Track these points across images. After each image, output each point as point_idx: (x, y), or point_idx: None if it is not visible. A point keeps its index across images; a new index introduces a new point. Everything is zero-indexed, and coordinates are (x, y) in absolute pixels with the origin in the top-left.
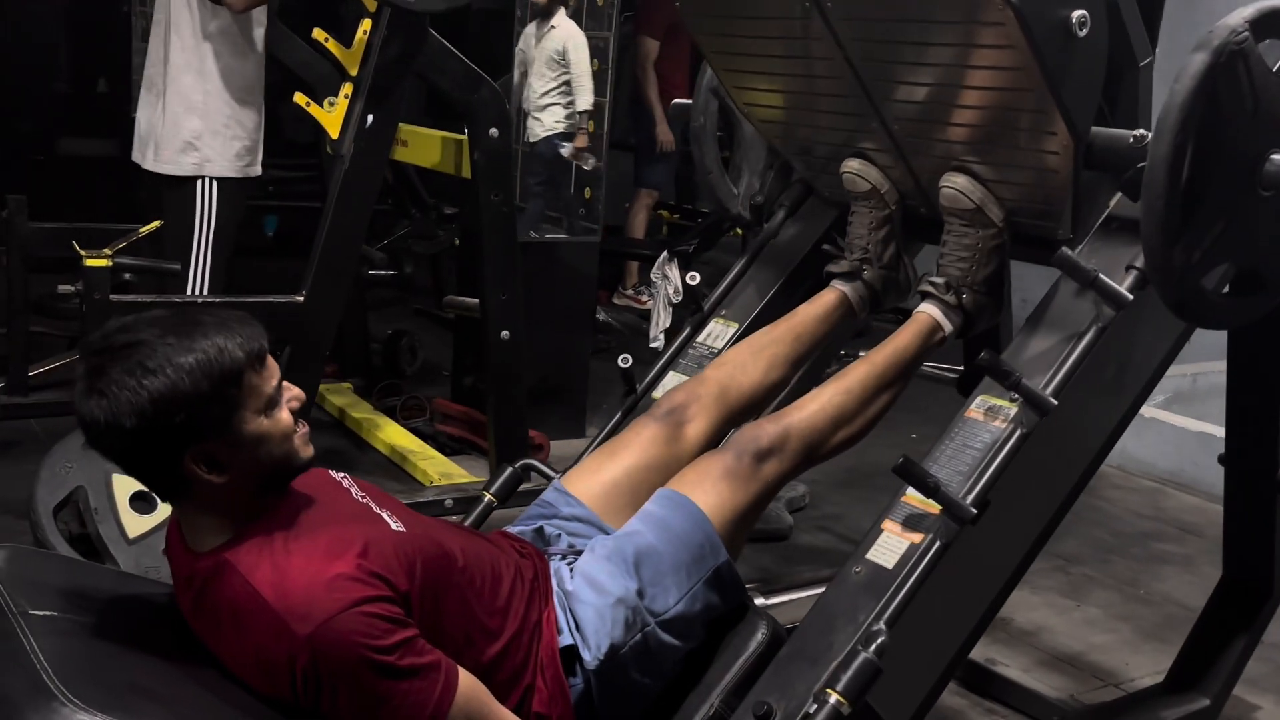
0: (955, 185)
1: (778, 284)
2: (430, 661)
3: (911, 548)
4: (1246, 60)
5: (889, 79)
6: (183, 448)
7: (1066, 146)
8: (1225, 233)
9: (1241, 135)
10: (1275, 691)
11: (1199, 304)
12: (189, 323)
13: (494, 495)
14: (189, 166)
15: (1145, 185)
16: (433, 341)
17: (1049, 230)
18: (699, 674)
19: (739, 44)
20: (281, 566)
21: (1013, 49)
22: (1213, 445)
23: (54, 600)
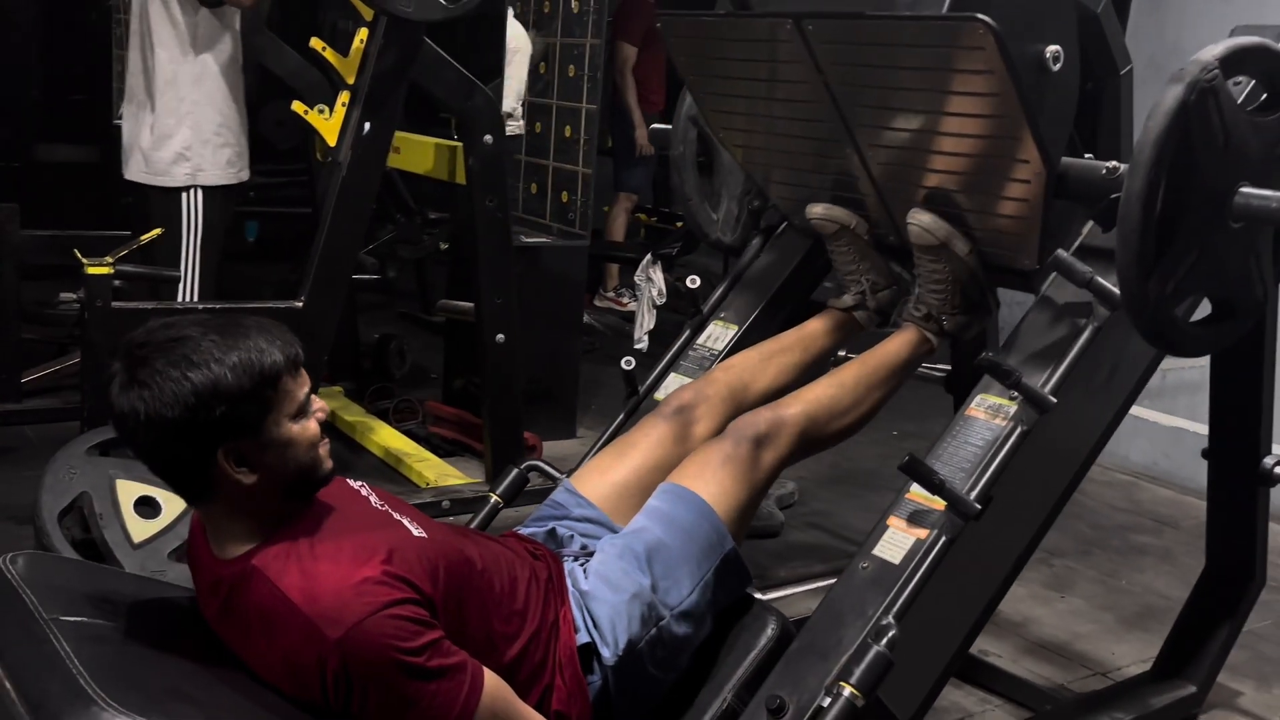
0: (919, 223)
1: (777, 285)
2: (457, 662)
3: (918, 543)
4: (1217, 97)
5: (867, 104)
6: (217, 443)
7: (1038, 174)
8: (1197, 264)
9: (1212, 169)
10: (1255, 677)
11: (1173, 333)
12: (232, 324)
13: (500, 496)
14: (182, 177)
15: (1120, 219)
16: (419, 345)
17: (1014, 260)
18: (710, 669)
19: (719, 67)
20: (310, 572)
21: (991, 74)
22: (1185, 440)
23: (81, 606)
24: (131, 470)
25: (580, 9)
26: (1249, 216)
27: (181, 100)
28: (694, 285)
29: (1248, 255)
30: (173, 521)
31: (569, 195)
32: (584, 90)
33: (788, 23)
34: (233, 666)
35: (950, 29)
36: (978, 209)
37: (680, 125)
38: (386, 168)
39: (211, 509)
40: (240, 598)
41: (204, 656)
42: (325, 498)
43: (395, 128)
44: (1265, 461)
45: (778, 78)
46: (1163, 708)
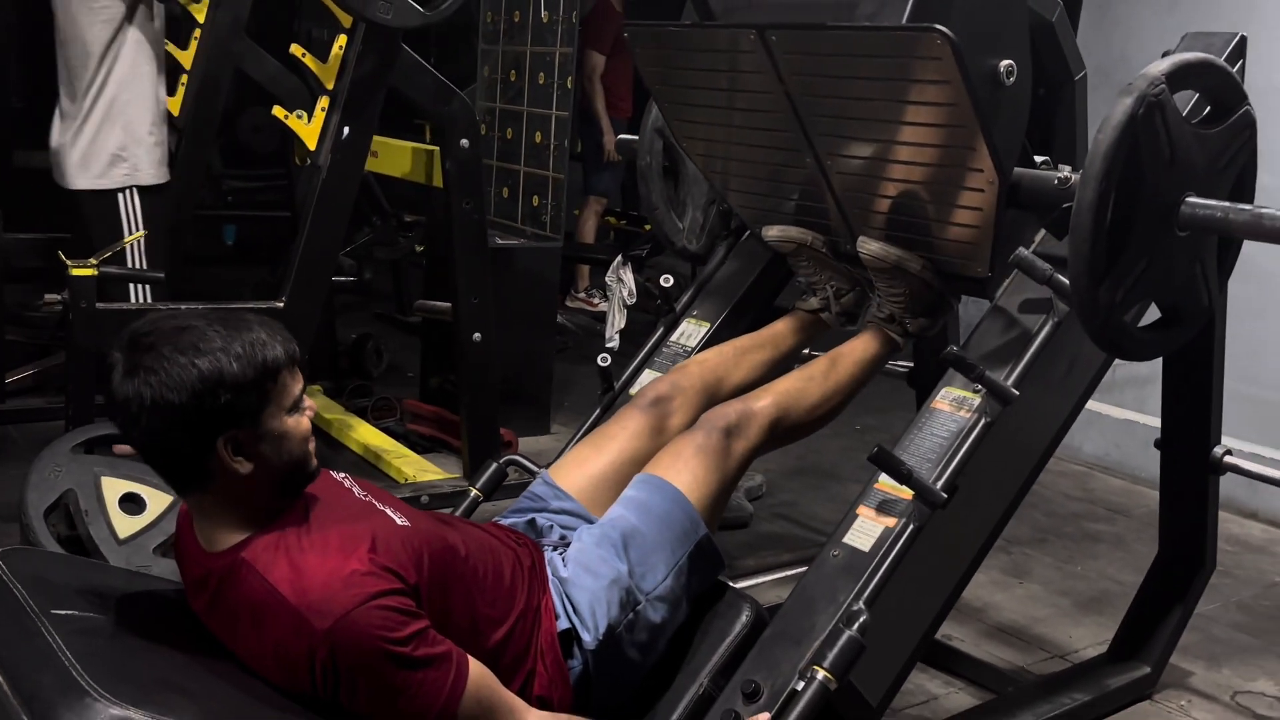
0: (869, 251)
1: (746, 284)
2: (443, 651)
3: (886, 531)
4: (1164, 111)
5: (826, 114)
6: (218, 431)
7: (991, 183)
8: (1146, 272)
9: (1160, 181)
10: (1206, 658)
11: (1123, 339)
12: (235, 317)
13: (480, 490)
14: (119, 178)
15: (1072, 229)
16: (396, 345)
17: (967, 267)
18: (686, 655)
19: (683, 76)
20: (298, 564)
21: (947, 84)
22: (1135, 431)
23: (71, 600)
24: (116, 467)
25: (550, 19)
26: (1195, 225)
27: (113, 102)
28: (667, 284)
29: (1194, 263)
30: (157, 517)
31: (540, 199)
32: (554, 97)
33: (751, 33)
34: (223, 658)
35: (909, 39)
36: (932, 218)
37: (646, 136)
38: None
39: (204, 499)
40: (229, 590)
41: (194, 648)
42: (310, 491)
43: (373, 132)
44: (1215, 451)
45: (741, 88)
46: (1119, 688)
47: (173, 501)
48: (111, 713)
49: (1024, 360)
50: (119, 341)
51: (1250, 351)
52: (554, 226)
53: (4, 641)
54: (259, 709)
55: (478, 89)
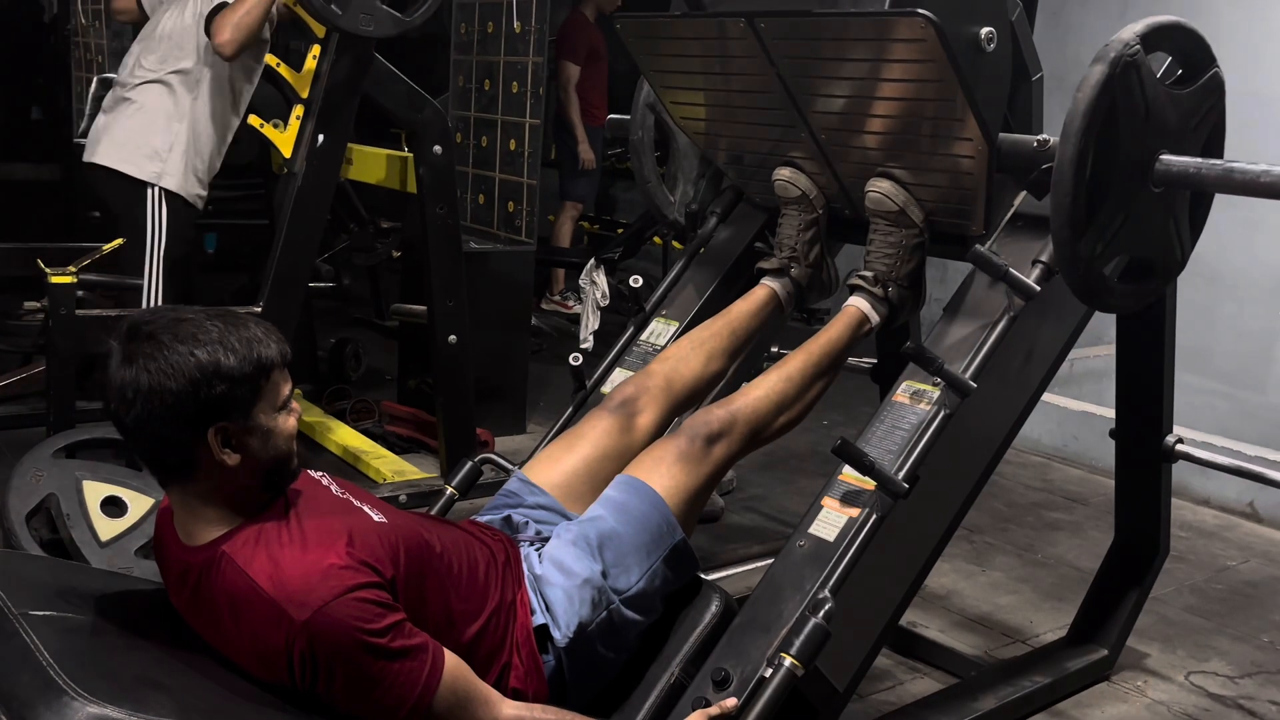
0: (880, 190)
1: (713, 284)
2: (419, 643)
3: (850, 521)
4: (1139, 71)
5: (818, 93)
6: (210, 421)
7: (980, 150)
8: (1124, 226)
9: (1136, 138)
10: (1160, 640)
11: (1102, 290)
12: (231, 314)
13: (455, 488)
14: (151, 173)
15: (1054, 184)
16: (373, 348)
17: (963, 227)
18: (658, 646)
19: (676, 63)
20: (276, 558)
21: (932, 62)
22: (1092, 422)
23: (50, 600)
24: (98, 471)
25: (522, 29)
26: (1169, 182)
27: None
28: (636, 285)
29: (1168, 218)
30: (139, 520)
31: (515, 204)
32: (527, 105)
33: (741, 21)
34: (202, 653)
35: (892, 24)
36: (928, 183)
37: (638, 112)
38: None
39: (187, 490)
40: (209, 583)
41: (173, 645)
42: (290, 488)
43: (348, 140)
44: (1166, 440)
45: (734, 71)
46: (1078, 670)
47: (154, 504)
48: (89, 710)
49: (982, 353)
50: (116, 332)
51: (1199, 345)
52: (528, 231)
53: None
54: (238, 703)
55: (451, 98)
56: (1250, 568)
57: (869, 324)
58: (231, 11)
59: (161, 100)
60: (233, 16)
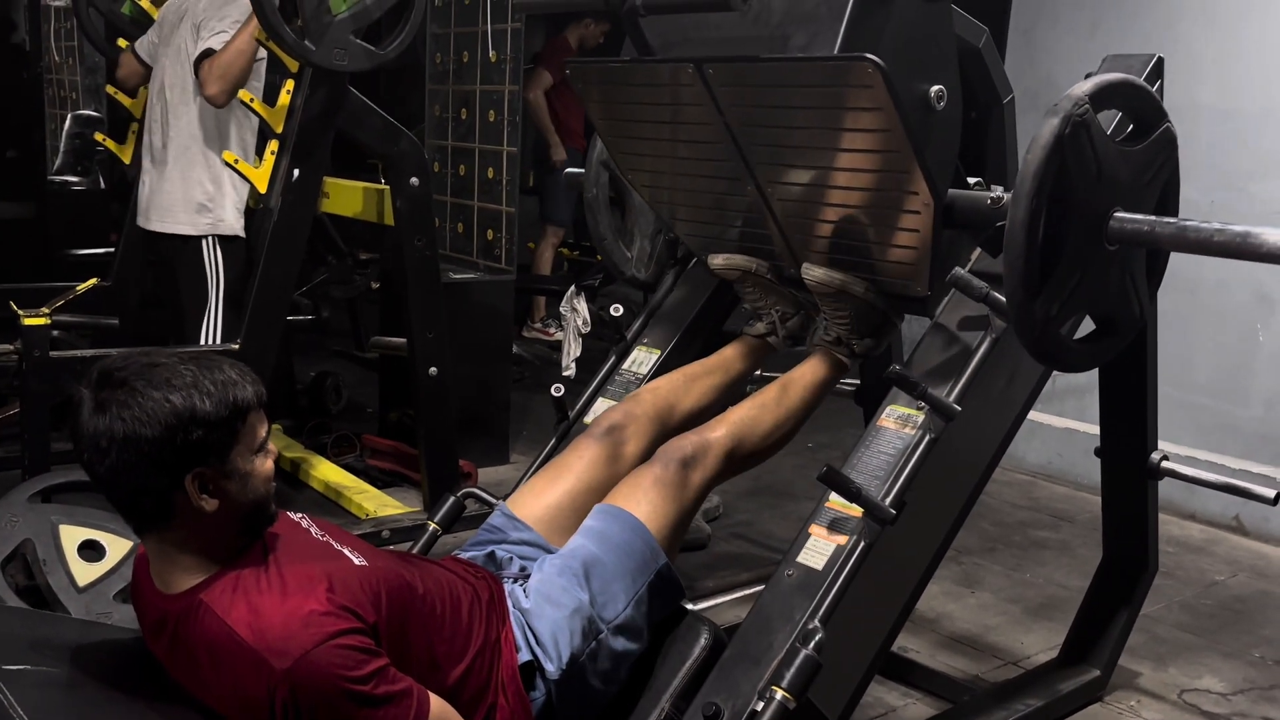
0: (813, 277)
1: (694, 311)
2: (402, 689)
3: (838, 549)
4: (1089, 130)
5: (765, 143)
6: (186, 467)
7: (927, 205)
8: (1079, 285)
9: (1088, 197)
10: (1152, 658)
11: (1059, 351)
12: (204, 357)
13: (438, 524)
14: (204, 226)
15: (1006, 246)
16: (354, 381)
17: (908, 288)
18: (647, 680)
19: (626, 110)
20: (255, 606)
21: (880, 110)
22: (1076, 439)
23: (24, 654)
24: (74, 515)
25: (498, 58)
26: (1123, 239)
27: (205, 154)
28: (617, 314)
29: (1124, 275)
30: (117, 564)
31: (494, 233)
32: (504, 133)
33: (689, 67)
34: (182, 705)
35: (841, 69)
36: (873, 241)
37: (593, 169)
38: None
39: (164, 538)
40: (188, 632)
41: (152, 698)
42: (269, 532)
43: (324, 173)
44: (1152, 457)
45: (682, 120)
46: (1070, 692)
47: (132, 547)
48: None
49: (965, 376)
50: (87, 379)
51: (1180, 358)
52: (508, 259)
53: None
54: None
55: (427, 128)
56: (1239, 582)
57: (843, 366)
58: (216, 61)
59: (191, 152)
60: (218, 66)
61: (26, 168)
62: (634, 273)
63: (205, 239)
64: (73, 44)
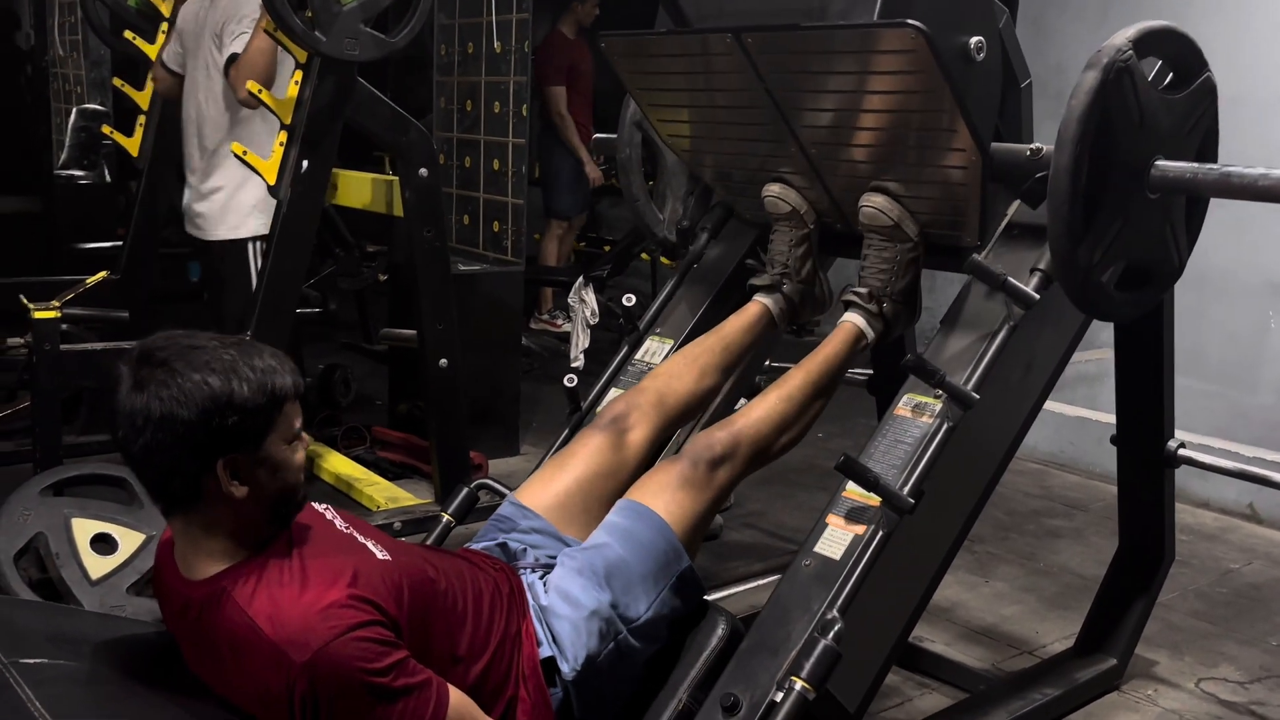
0: (874, 204)
1: (707, 301)
2: (422, 680)
3: (856, 539)
4: (1132, 76)
5: (806, 107)
6: (220, 452)
7: (973, 161)
8: (1121, 233)
9: (1130, 144)
10: (1169, 647)
11: (1100, 299)
12: (247, 344)
13: (452, 515)
14: (254, 228)
15: (1050, 193)
16: (362, 373)
17: (958, 239)
18: (665, 671)
19: (662, 80)
20: (276, 597)
21: (922, 73)
22: (1088, 427)
23: (40, 647)
24: (86, 509)
25: (503, 49)
26: (1165, 187)
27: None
28: (629, 303)
29: (1165, 224)
30: (130, 556)
31: (500, 224)
32: (510, 125)
33: (727, 37)
34: (200, 699)
35: (881, 35)
36: (921, 195)
37: (625, 130)
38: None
39: (190, 520)
40: (209, 621)
41: (169, 691)
42: (292, 525)
43: (333, 164)
44: (1169, 445)
45: (721, 87)
46: (1087, 681)
47: (144, 540)
48: None
49: (983, 364)
50: (128, 356)
51: (1190, 347)
52: (515, 251)
53: None
54: None
55: (434, 119)
56: (1253, 570)
57: (865, 340)
58: (240, 64)
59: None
60: (243, 69)
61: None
62: (666, 234)
63: (251, 242)
64: (77, 38)
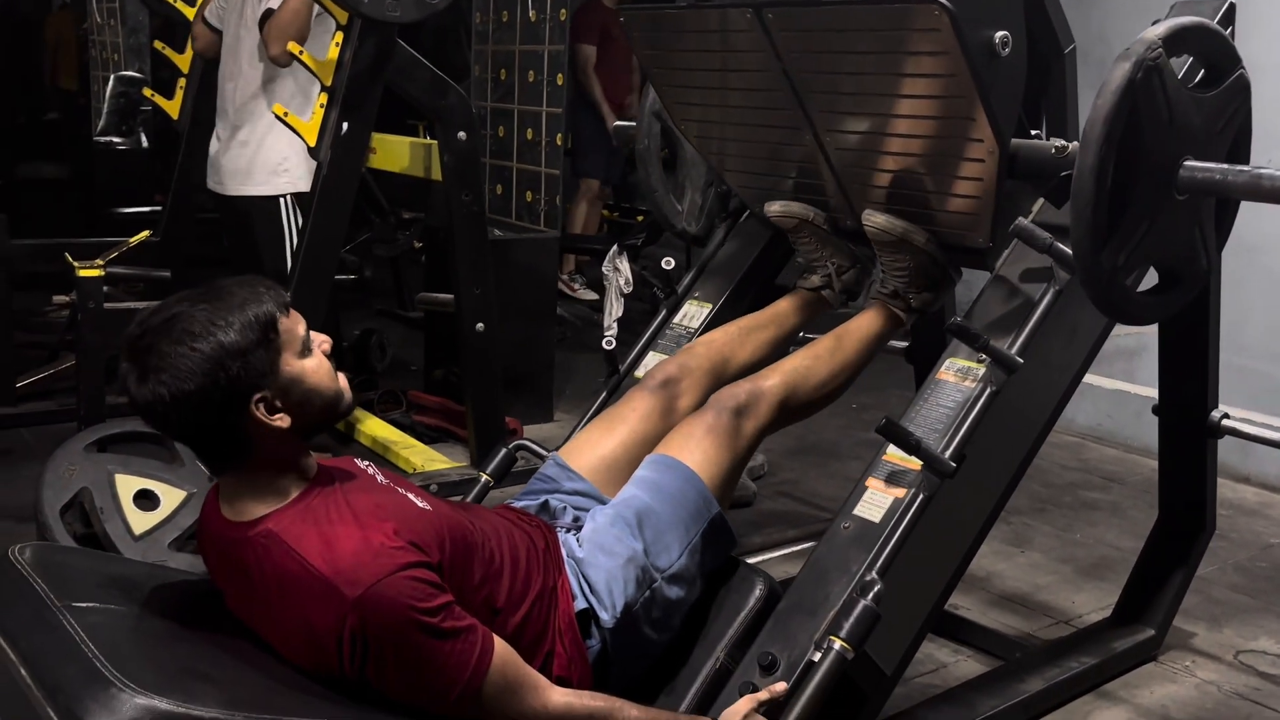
0: (875, 224)
1: (746, 265)
2: (468, 625)
3: (896, 502)
4: (1161, 75)
5: (824, 90)
6: (246, 397)
7: (992, 153)
8: (1147, 236)
9: (1158, 144)
10: (1207, 619)
11: (1125, 303)
12: (215, 289)
13: (490, 475)
14: (283, 185)
15: (1074, 194)
16: (398, 339)
17: (969, 239)
18: (702, 631)
19: (680, 59)
20: (327, 536)
21: (945, 55)
22: (1127, 401)
23: (91, 591)
24: (129, 465)
25: (538, 17)
26: (1194, 189)
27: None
28: (668, 266)
29: (1193, 226)
30: (172, 513)
31: (534, 194)
32: (544, 94)
33: (747, 12)
34: (247, 644)
35: (906, 12)
36: (933, 190)
37: (644, 120)
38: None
39: (241, 469)
40: (257, 563)
41: (216, 636)
42: (336, 472)
43: (372, 127)
44: (1212, 415)
45: (737, 67)
46: (1125, 651)
47: (185, 497)
48: (137, 702)
49: (1027, 329)
50: (121, 351)
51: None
52: (549, 221)
53: (26, 634)
54: (285, 694)
55: (470, 88)
56: None
57: (899, 320)
58: (275, 21)
59: (263, 115)
60: (277, 26)
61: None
62: (684, 226)
63: (283, 198)
64: (114, 5)
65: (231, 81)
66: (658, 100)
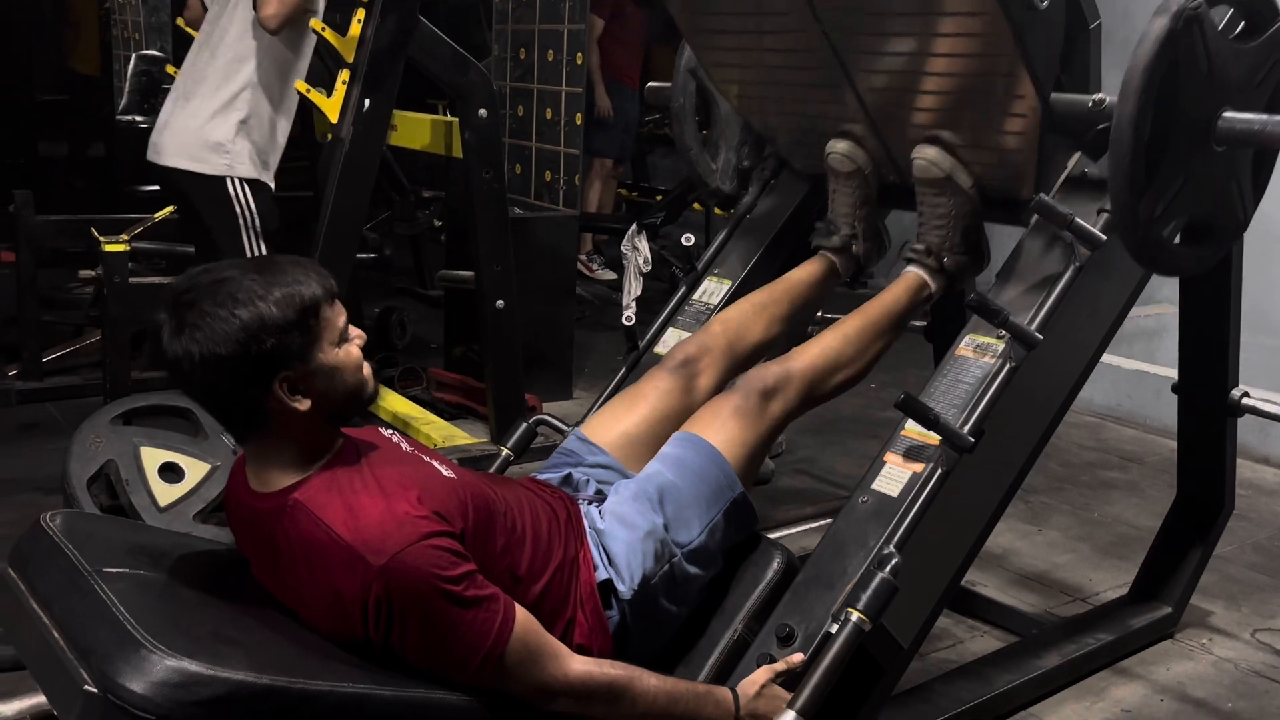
0: (925, 157)
1: (766, 242)
2: (490, 594)
3: (914, 476)
4: (1201, 25)
5: (863, 50)
6: (271, 374)
7: (1033, 109)
8: (1184, 187)
9: (1197, 95)
10: (1225, 598)
11: (1162, 253)
12: (268, 262)
13: (510, 449)
14: (220, 167)
15: (1112, 144)
16: (417, 317)
17: (1014, 191)
18: (720, 602)
19: (717, 22)
20: (352, 505)
21: (984, 15)
22: (1146, 381)
23: (121, 558)
24: (154, 438)
25: None
26: (1231, 140)
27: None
28: (688, 243)
29: (1230, 178)
30: (196, 485)
31: (553, 174)
32: (563, 73)
33: None
34: (273, 610)
35: None
36: (976, 144)
37: (680, 78)
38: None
39: (262, 440)
40: (283, 532)
41: (244, 602)
42: (361, 441)
43: (394, 104)
44: (1233, 394)
45: (774, 29)
46: (1141, 628)
47: (210, 470)
48: (168, 664)
49: (1047, 305)
50: (164, 302)
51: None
52: (568, 200)
53: (59, 598)
54: (310, 659)
55: (490, 67)
56: None
57: (929, 289)
58: None
59: (223, 90)
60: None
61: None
62: (719, 184)
63: (228, 180)
64: None
65: (207, 50)
66: (693, 58)
